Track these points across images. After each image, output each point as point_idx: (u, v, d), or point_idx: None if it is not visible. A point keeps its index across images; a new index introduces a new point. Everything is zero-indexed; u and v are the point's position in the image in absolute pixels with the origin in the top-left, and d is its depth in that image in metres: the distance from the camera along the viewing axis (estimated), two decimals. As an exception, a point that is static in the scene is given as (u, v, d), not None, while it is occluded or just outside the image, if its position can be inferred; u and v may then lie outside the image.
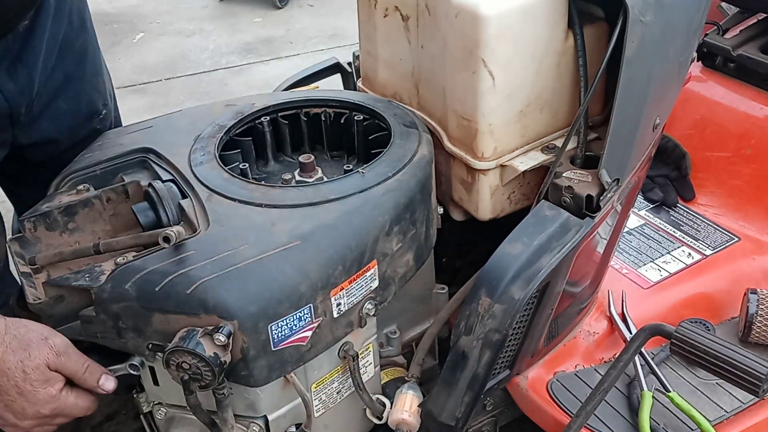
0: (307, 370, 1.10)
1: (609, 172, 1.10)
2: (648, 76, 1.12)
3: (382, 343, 1.29)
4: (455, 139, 1.22)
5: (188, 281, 0.96)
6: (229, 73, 4.63)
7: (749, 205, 1.62)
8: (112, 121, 1.54)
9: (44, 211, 1.07)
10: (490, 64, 1.11)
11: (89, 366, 1.03)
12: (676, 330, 1.11)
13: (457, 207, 1.30)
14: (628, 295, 1.45)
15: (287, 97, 1.31)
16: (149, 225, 1.06)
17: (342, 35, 4.94)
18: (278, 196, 1.08)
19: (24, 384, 0.98)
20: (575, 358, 1.35)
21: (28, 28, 1.25)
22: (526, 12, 1.10)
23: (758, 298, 1.37)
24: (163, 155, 1.18)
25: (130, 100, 4.32)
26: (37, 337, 0.99)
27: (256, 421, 1.09)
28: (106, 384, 1.05)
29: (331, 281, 1.02)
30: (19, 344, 0.98)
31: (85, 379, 1.03)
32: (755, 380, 1.05)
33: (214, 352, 0.94)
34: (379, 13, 1.28)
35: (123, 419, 1.39)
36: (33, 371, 0.98)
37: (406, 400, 1.19)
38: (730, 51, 1.66)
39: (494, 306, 1.06)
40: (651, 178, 1.71)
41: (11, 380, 0.98)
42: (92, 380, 1.04)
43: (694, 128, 1.71)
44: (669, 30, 1.14)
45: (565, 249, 1.07)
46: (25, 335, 0.99)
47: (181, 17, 5.43)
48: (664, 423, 1.24)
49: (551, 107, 1.21)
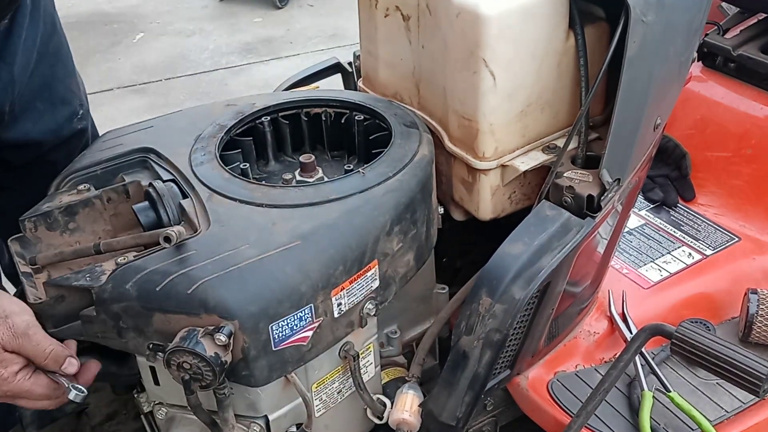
0: (307, 370, 1.10)
1: (610, 172, 1.10)
2: (649, 76, 1.12)
3: (382, 343, 1.29)
4: (456, 139, 1.22)
5: (189, 281, 0.96)
6: (229, 73, 4.63)
7: (749, 205, 1.62)
8: (91, 122, 1.57)
9: (45, 211, 1.07)
10: (491, 64, 1.11)
11: (53, 350, 0.98)
12: (677, 330, 1.11)
13: (458, 207, 1.30)
14: (628, 295, 1.45)
15: (288, 97, 1.31)
16: (150, 225, 1.06)
17: (342, 35, 4.94)
18: (279, 196, 1.08)
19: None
20: (576, 358, 1.35)
21: (8, 27, 1.27)
22: (527, 12, 1.10)
23: (758, 298, 1.37)
24: (164, 155, 1.18)
25: (130, 100, 4.32)
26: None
27: (257, 421, 1.09)
28: (69, 368, 1.00)
29: (331, 281, 1.02)
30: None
31: (46, 364, 0.98)
32: (755, 380, 1.05)
33: (215, 352, 0.94)
34: (380, 13, 1.28)
35: (123, 419, 1.38)
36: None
37: (406, 400, 1.19)
38: (731, 51, 1.66)
39: (495, 306, 1.06)
40: (651, 178, 1.71)
41: None
42: (55, 365, 0.99)
43: (695, 128, 1.71)
44: (670, 30, 1.14)
45: (566, 249, 1.07)
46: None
47: (181, 17, 5.43)
48: (665, 423, 1.24)
49: (552, 107, 1.21)
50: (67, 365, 1.00)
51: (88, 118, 1.55)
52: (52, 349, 0.98)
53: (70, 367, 1.00)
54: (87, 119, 1.54)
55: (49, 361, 0.98)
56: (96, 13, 5.47)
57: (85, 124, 1.52)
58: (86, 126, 1.53)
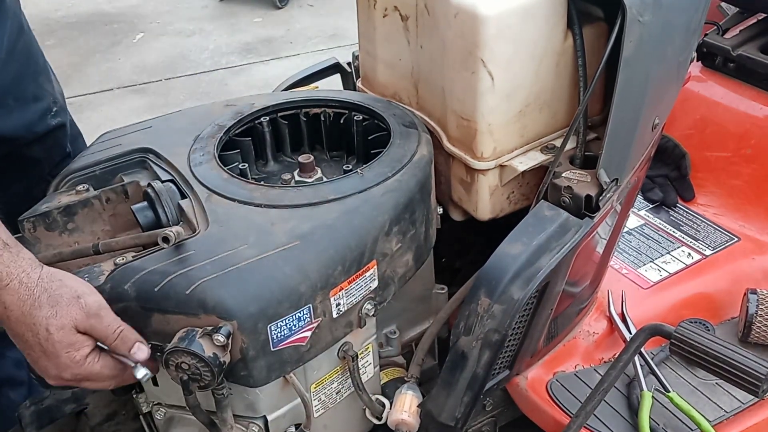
0: (306, 371, 1.10)
1: (608, 172, 1.10)
2: (646, 76, 1.12)
3: (381, 344, 1.29)
4: (454, 139, 1.22)
5: (187, 281, 0.96)
6: (229, 73, 4.63)
7: (749, 205, 1.62)
8: (70, 119, 1.59)
9: (44, 212, 1.07)
10: (490, 64, 1.11)
11: (123, 331, 0.95)
12: (676, 330, 1.11)
13: (457, 207, 1.30)
14: (627, 295, 1.45)
15: (287, 97, 1.31)
16: (148, 225, 1.06)
17: (342, 35, 4.94)
18: (278, 196, 1.08)
19: (47, 344, 0.91)
20: (575, 359, 1.35)
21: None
22: (526, 12, 1.10)
23: (758, 298, 1.37)
24: (163, 155, 1.18)
25: (130, 100, 4.32)
26: (69, 294, 0.92)
27: (256, 421, 1.09)
28: (138, 354, 0.96)
29: (330, 281, 1.02)
30: (48, 299, 0.91)
31: (116, 345, 0.95)
32: (755, 380, 1.05)
33: (214, 352, 0.94)
34: (379, 13, 1.28)
35: (123, 419, 1.38)
36: (57, 331, 0.91)
37: (405, 401, 1.19)
38: (730, 51, 1.66)
39: (494, 306, 1.06)
40: (651, 178, 1.71)
41: (35, 336, 0.91)
42: (124, 347, 0.96)
43: (694, 128, 1.71)
44: (667, 30, 1.14)
45: (565, 249, 1.07)
46: (57, 290, 0.92)
47: (181, 17, 5.43)
48: (664, 423, 1.24)
49: (550, 107, 1.21)
50: (136, 350, 0.97)
51: (64, 115, 1.57)
52: (122, 330, 0.96)
53: (140, 353, 0.97)
54: (63, 116, 1.57)
55: (119, 342, 0.95)
56: (96, 13, 5.47)
57: (61, 121, 1.55)
58: (64, 122, 1.55)
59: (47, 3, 5.52)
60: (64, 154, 1.61)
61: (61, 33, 5.16)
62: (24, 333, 0.91)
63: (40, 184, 1.57)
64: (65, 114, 1.59)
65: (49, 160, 1.58)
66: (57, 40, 5.05)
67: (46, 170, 1.59)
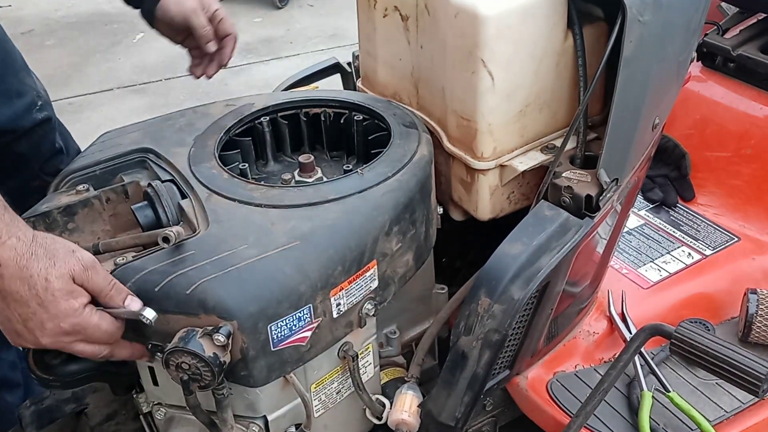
0: (306, 371, 1.10)
1: (608, 171, 1.10)
2: (646, 76, 1.12)
3: (381, 343, 1.29)
4: (455, 139, 1.22)
5: (188, 281, 0.96)
6: (229, 73, 4.62)
7: (749, 205, 1.62)
8: (54, 114, 1.63)
9: (44, 211, 1.07)
10: (490, 64, 1.11)
11: (115, 284, 0.97)
12: (676, 330, 1.11)
13: (457, 207, 1.30)
14: (627, 295, 1.45)
15: (287, 97, 1.31)
16: (149, 225, 1.06)
17: (342, 35, 4.93)
18: (278, 196, 1.08)
19: (46, 294, 0.92)
20: (575, 358, 1.35)
21: None
22: (526, 12, 1.10)
23: (758, 298, 1.37)
24: (163, 155, 1.18)
25: (130, 100, 4.32)
26: (65, 249, 0.94)
27: (256, 421, 1.09)
28: (133, 304, 0.97)
29: (330, 281, 1.02)
30: (46, 253, 0.92)
31: (111, 296, 0.96)
32: (755, 380, 1.05)
33: (214, 352, 0.94)
34: (379, 13, 1.28)
35: (123, 419, 1.38)
36: (56, 280, 0.92)
37: (405, 401, 1.19)
38: (730, 51, 1.66)
39: (494, 306, 1.06)
40: (651, 178, 1.71)
41: (32, 289, 0.91)
42: (118, 299, 0.97)
43: (694, 128, 1.71)
44: (667, 30, 1.14)
45: (565, 249, 1.07)
46: (53, 245, 0.94)
47: (181, 17, 5.42)
48: (664, 423, 1.24)
49: (550, 107, 1.21)
50: (130, 301, 0.97)
51: (50, 109, 1.61)
52: (115, 282, 0.97)
53: (134, 303, 0.97)
54: (49, 110, 1.61)
55: (114, 293, 0.96)
56: (96, 13, 5.46)
57: (47, 115, 1.59)
58: (49, 116, 1.59)
59: (47, 3, 5.52)
60: (55, 149, 1.63)
61: (61, 33, 5.16)
62: (18, 289, 0.91)
63: (35, 179, 1.60)
64: (50, 108, 1.63)
65: (39, 155, 1.61)
66: (57, 40, 5.05)
67: (38, 165, 1.62)
